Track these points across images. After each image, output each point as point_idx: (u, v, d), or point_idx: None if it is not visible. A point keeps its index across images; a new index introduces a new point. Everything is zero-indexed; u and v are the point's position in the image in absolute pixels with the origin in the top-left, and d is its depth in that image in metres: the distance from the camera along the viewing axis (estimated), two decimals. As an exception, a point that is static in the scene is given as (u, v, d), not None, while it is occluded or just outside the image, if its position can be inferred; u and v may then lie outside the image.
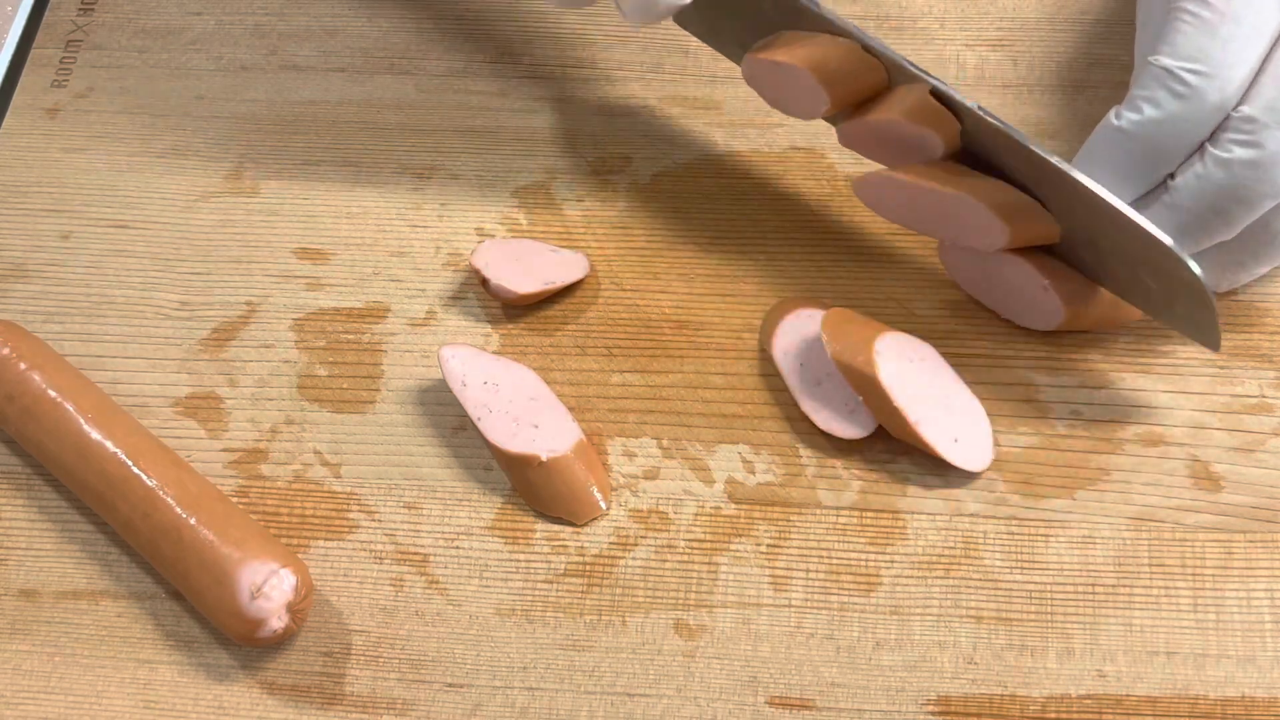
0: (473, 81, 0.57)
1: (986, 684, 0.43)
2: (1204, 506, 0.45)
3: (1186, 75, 0.39)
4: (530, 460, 0.46)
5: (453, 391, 0.47)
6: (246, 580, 0.42)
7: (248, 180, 0.55)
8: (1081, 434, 0.47)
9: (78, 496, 0.47)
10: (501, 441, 0.46)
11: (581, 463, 0.46)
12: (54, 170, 0.56)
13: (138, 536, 0.44)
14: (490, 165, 0.54)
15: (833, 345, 0.45)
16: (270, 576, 0.42)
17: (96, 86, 0.58)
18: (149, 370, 0.51)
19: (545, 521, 0.47)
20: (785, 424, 0.48)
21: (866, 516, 0.46)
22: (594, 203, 0.53)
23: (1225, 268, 0.44)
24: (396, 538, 0.47)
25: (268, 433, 0.49)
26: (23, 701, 0.45)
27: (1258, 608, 0.44)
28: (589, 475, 0.46)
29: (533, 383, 0.48)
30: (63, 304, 0.52)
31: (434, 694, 0.44)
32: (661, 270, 0.51)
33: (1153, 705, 0.42)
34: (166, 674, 0.45)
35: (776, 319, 0.48)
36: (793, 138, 0.54)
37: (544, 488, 0.46)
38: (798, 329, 0.48)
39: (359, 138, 0.56)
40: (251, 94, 0.57)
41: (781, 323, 0.48)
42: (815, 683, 0.43)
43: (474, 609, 0.45)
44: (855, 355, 0.44)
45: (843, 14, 0.56)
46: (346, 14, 0.59)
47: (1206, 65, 0.39)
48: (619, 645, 0.44)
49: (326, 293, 0.52)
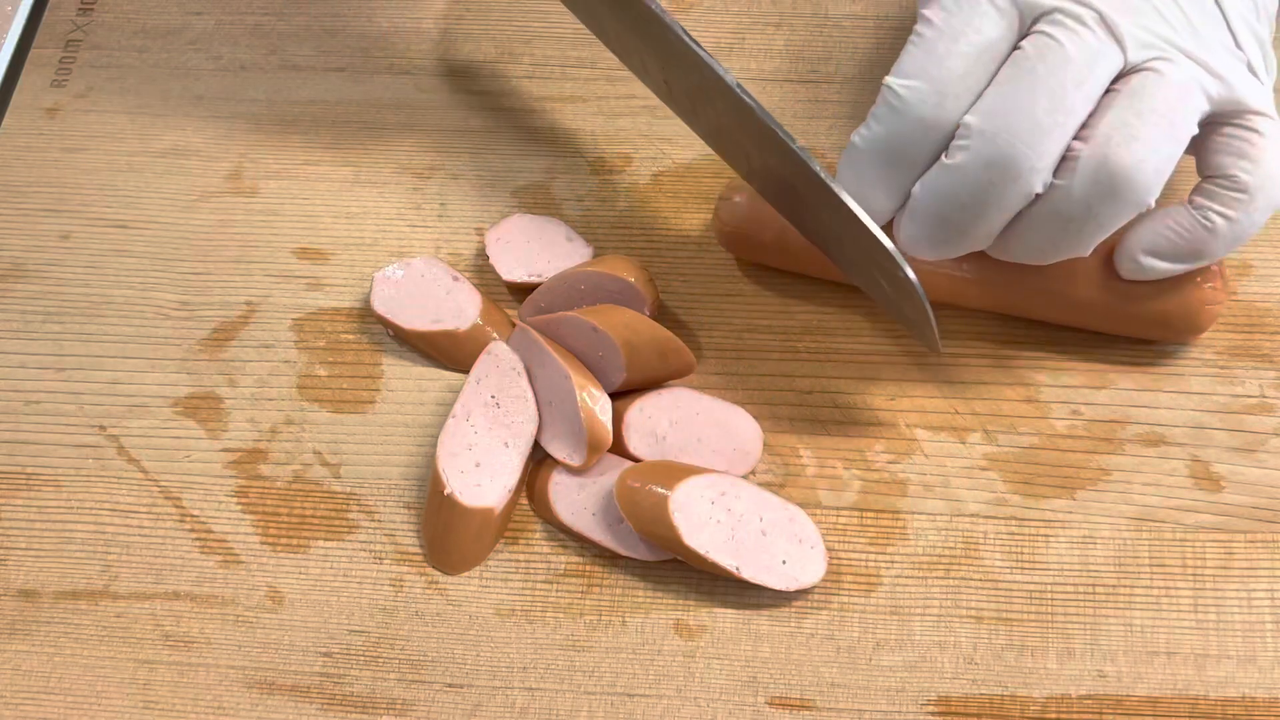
0: (473, 81, 0.57)
1: (986, 684, 0.43)
2: (1204, 506, 0.45)
3: (901, 90, 0.41)
4: (440, 487, 0.45)
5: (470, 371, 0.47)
6: None
7: (248, 180, 0.55)
8: (1081, 434, 0.47)
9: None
10: (442, 459, 0.45)
11: (485, 525, 0.45)
12: (54, 170, 0.56)
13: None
14: (490, 165, 0.54)
15: (631, 520, 0.44)
16: None
17: (96, 86, 0.58)
18: (149, 370, 0.51)
19: (545, 521, 0.47)
20: (785, 424, 0.48)
21: (866, 516, 0.46)
22: (594, 203, 0.53)
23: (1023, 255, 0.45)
24: (396, 538, 0.47)
25: (268, 433, 0.49)
26: (23, 701, 0.45)
27: (1258, 608, 0.44)
28: (482, 538, 0.45)
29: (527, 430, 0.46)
30: (63, 304, 0.52)
31: (434, 694, 0.44)
32: (661, 270, 0.51)
33: (1153, 705, 0.42)
34: (166, 674, 0.45)
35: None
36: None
37: (437, 520, 0.45)
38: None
39: (359, 138, 0.56)
40: (251, 94, 0.57)
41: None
42: (815, 683, 0.43)
43: (474, 609, 0.45)
44: (656, 525, 0.43)
45: (844, 13, 0.56)
46: (346, 14, 0.59)
47: (921, 80, 0.41)
48: (619, 645, 0.44)
49: (326, 293, 0.52)
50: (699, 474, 0.44)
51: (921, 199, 0.42)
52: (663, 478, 0.44)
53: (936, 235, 0.42)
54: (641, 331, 0.46)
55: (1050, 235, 0.42)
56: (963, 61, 0.41)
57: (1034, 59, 0.40)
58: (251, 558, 0.47)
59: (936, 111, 0.41)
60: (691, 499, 0.43)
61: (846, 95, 0.55)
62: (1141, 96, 0.40)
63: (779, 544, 0.44)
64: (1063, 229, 0.41)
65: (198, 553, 0.47)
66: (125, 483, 0.48)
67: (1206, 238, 0.42)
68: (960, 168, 0.40)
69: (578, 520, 0.45)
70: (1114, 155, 0.39)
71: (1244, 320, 0.48)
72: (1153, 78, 0.40)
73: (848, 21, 0.57)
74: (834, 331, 0.49)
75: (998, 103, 0.40)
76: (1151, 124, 0.40)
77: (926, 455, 0.47)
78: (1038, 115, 0.39)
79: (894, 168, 0.42)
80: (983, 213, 0.41)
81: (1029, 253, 0.43)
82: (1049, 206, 0.41)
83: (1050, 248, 0.42)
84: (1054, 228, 0.41)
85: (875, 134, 0.42)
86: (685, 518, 0.43)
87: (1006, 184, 0.40)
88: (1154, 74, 0.40)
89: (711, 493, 0.44)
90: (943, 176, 0.41)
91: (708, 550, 0.43)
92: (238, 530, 0.47)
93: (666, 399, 0.46)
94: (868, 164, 0.42)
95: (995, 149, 0.40)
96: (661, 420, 0.46)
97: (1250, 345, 0.48)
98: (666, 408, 0.46)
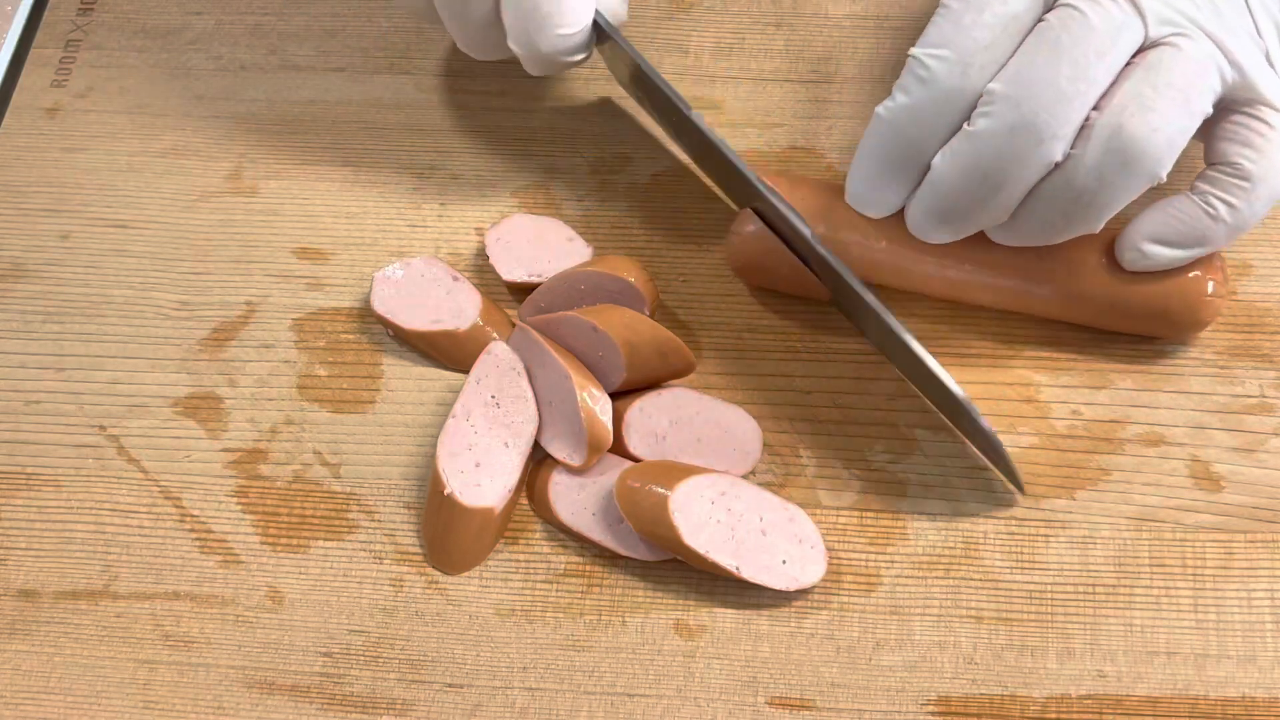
0: (473, 81, 0.57)
1: (986, 684, 0.43)
2: (1204, 506, 0.45)
3: (928, 60, 0.42)
4: (440, 487, 0.45)
5: (470, 371, 0.47)
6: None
7: (248, 180, 0.55)
8: (1081, 434, 0.47)
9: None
10: (442, 459, 0.45)
11: (484, 525, 0.45)
12: (54, 170, 0.56)
13: None
14: (490, 165, 0.54)
15: (631, 520, 0.44)
16: None
17: (96, 86, 0.58)
18: (149, 370, 0.51)
19: (545, 521, 0.47)
20: (785, 424, 0.48)
21: (866, 516, 0.46)
22: (594, 203, 0.53)
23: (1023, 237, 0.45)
24: (396, 538, 0.47)
25: (268, 433, 0.49)
26: (23, 701, 0.45)
27: (1258, 608, 0.44)
28: (482, 538, 0.45)
29: (527, 430, 0.46)
30: (62, 304, 0.52)
31: (434, 694, 0.44)
32: (661, 270, 0.51)
33: (1153, 705, 0.42)
34: (166, 674, 0.45)
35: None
36: (793, 138, 0.54)
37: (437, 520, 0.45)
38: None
39: (359, 138, 0.56)
40: (251, 94, 0.57)
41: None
42: (815, 683, 0.43)
43: (474, 609, 0.45)
44: (656, 525, 0.43)
45: (844, 14, 0.57)
46: (346, 14, 0.59)
47: (947, 50, 0.41)
48: (619, 645, 0.44)
49: (326, 293, 0.52)
50: (699, 474, 0.44)
51: (942, 169, 0.42)
52: (663, 478, 0.44)
53: (954, 209, 0.43)
54: (641, 331, 0.46)
55: (1062, 209, 0.42)
56: (988, 32, 0.41)
57: (1058, 29, 0.41)
58: (251, 558, 0.47)
59: (961, 80, 0.41)
60: (691, 499, 0.43)
61: (846, 95, 0.55)
62: (1158, 70, 0.41)
63: (779, 544, 0.44)
64: (1074, 201, 0.42)
65: (198, 553, 0.47)
66: (125, 483, 0.48)
67: (1209, 224, 0.43)
68: (984, 134, 0.41)
69: (578, 520, 0.45)
70: (1128, 124, 0.40)
71: (1244, 320, 0.48)
72: (1170, 52, 0.41)
73: (848, 21, 0.57)
74: (834, 331, 0.49)
75: (1022, 70, 0.41)
76: (1167, 97, 0.40)
77: (926, 455, 0.47)
78: (1060, 83, 0.40)
79: (917, 140, 0.42)
80: (1003, 181, 0.41)
81: (1039, 229, 0.43)
82: (1062, 178, 0.41)
83: (1062, 222, 0.43)
84: (1066, 200, 0.42)
85: (900, 104, 0.42)
86: (685, 518, 0.43)
87: (1029, 150, 0.41)
88: (1172, 48, 0.41)
89: (711, 493, 0.44)
90: (965, 144, 0.41)
91: (708, 550, 0.43)
92: (238, 530, 0.47)
93: (666, 399, 0.46)
94: (889, 137, 0.43)
95: (1019, 114, 0.40)
96: (661, 420, 0.46)
97: (1250, 345, 0.48)
98: (666, 408, 0.46)
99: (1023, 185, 0.42)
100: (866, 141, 0.44)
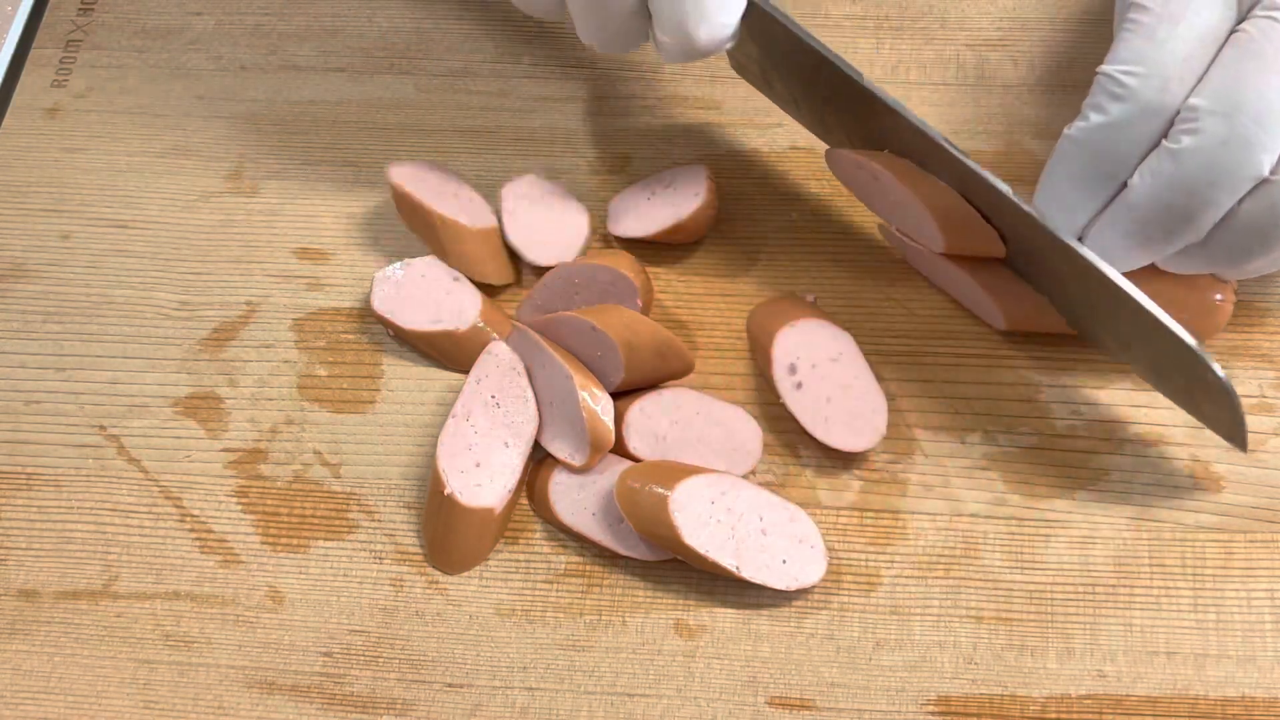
0: (473, 81, 0.57)
1: (986, 684, 0.43)
2: (1204, 506, 0.45)
3: (1123, 78, 0.40)
4: (440, 488, 0.45)
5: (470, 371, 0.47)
6: None
7: (248, 180, 0.55)
8: (1081, 434, 0.47)
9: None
10: (442, 459, 0.45)
11: (485, 525, 0.45)
12: (54, 170, 0.56)
13: None
14: (490, 165, 0.54)
15: (631, 520, 0.44)
16: None
17: (96, 86, 0.58)
18: (149, 370, 0.51)
19: (545, 521, 0.47)
20: (786, 424, 0.48)
21: (866, 516, 0.46)
22: (594, 203, 0.53)
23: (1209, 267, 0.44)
24: (396, 538, 0.47)
25: (268, 433, 0.49)
26: (23, 701, 0.45)
27: (1258, 608, 0.44)
28: (482, 538, 0.45)
29: (527, 430, 0.46)
30: (63, 304, 0.52)
31: (434, 694, 0.44)
32: (661, 270, 0.51)
33: (1153, 705, 0.42)
34: (166, 674, 0.45)
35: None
36: (793, 138, 0.54)
37: (437, 520, 0.45)
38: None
39: (359, 138, 0.56)
40: (251, 94, 0.57)
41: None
42: (815, 683, 0.43)
43: (474, 609, 0.45)
44: (656, 524, 0.43)
45: (843, 14, 0.56)
46: (346, 14, 0.59)
47: (1143, 66, 0.40)
48: (619, 645, 0.44)
49: (326, 293, 0.52)
50: (699, 474, 0.44)
51: (1141, 189, 0.41)
52: (663, 478, 0.44)
53: (1155, 229, 0.41)
54: (641, 332, 0.46)
55: (1261, 229, 0.40)
56: (1185, 45, 0.40)
57: (1260, 40, 0.39)
58: (251, 558, 0.47)
59: (1161, 96, 0.40)
60: (691, 499, 0.43)
61: (846, 95, 0.55)
62: None
63: (779, 544, 0.44)
64: (1274, 222, 0.40)
65: (198, 553, 0.47)
66: (125, 483, 0.48)
67: None
68: (1190, 151, 0.39)
69: (578, 520, 0.45)
70: None
71: (1244, 320, 0.48)
72: None
73: (847, 21, 0.57)
74: (834, 331, 0.49)
75: (1227, 83, 0.39)
76: None
77: (926, 455, 0.47)
78: (1270, 96, 0.39)
79: (1111, 160, 0.41)
80: (1212, 198, 0.40)
81: (1232, 254, 0.42)
82: (1267, 197, 0.40)
83: (1258, 245, 0.41)
84: (1267, 220, 0.40)
85: (1094, 124, 0.41)
86: (685, 517, 0.43)
87: (1238, 166, 0.39)
88: None
89: (711, 492, 0.44)
90: (1168, 162, 0.40)
91: (708, 550, 0.43)
92: (238, 530, 0.47)
93: (666, 399, 0.46)
94: (1082, 159, 0.42)
95: (1230, 129, 0.39)
96: (661, 420, 0.46)
97: (1250, 345, 0.48)
98: (666, 408, 0.46)
99: (1229, 202, 0.40)
100: (1057, 162, 0.42)
